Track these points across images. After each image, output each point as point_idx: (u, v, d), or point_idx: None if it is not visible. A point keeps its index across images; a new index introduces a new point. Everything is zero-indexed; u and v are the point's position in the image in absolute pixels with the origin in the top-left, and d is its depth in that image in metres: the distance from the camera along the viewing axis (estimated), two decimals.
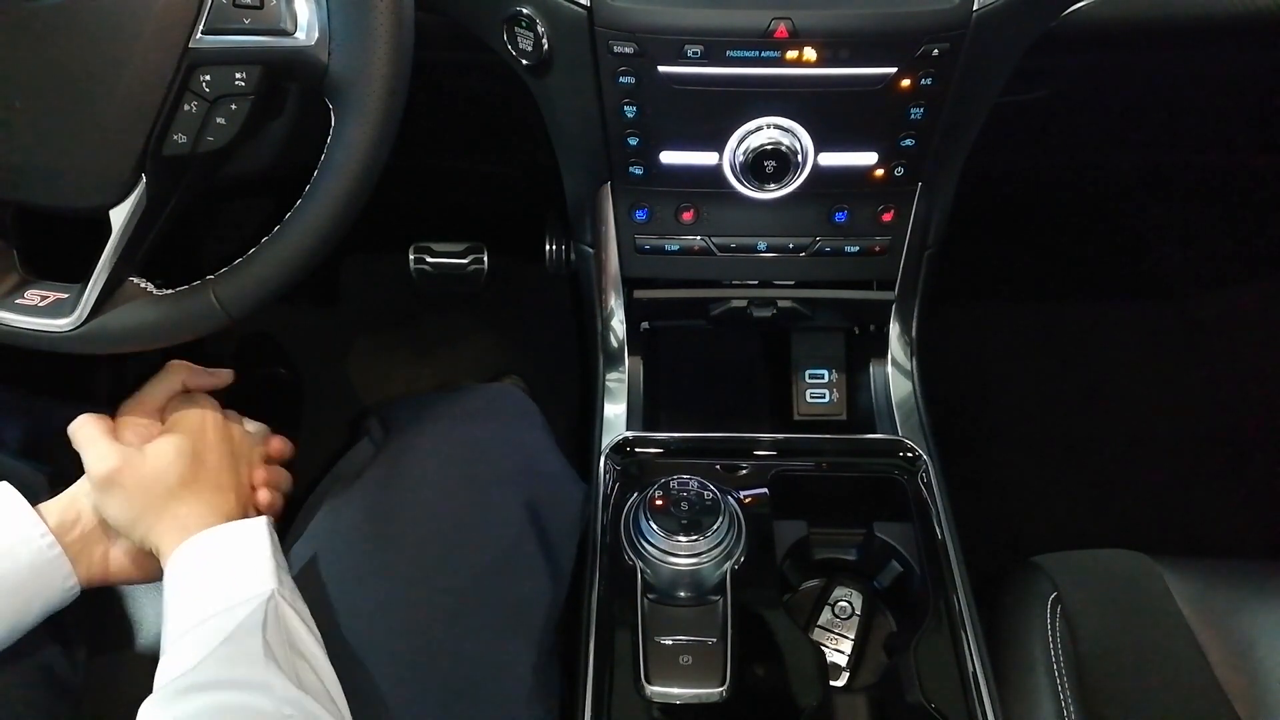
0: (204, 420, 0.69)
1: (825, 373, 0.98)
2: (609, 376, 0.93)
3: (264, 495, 0.70)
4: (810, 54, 0.70)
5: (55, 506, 0.64)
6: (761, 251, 0.86)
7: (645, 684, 0.67)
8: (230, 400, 1.44)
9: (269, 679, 0.52)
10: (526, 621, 0.68)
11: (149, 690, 0.56)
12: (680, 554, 0.68)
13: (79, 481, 0.66)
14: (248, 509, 0.68)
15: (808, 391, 0.98)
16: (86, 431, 0.65)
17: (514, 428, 0.79)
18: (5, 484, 0.63)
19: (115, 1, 0.54)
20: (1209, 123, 1.12)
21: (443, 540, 0.68)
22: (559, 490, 0.76)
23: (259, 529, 0.63)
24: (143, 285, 0.63)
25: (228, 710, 0.51)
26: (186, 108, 0.57)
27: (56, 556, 0.61)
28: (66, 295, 0.62)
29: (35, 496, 0.70)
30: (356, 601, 0.65)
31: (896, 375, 0.93)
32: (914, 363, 0.93)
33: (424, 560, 0.67)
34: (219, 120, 0.57)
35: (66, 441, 0.80)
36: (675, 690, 0.67)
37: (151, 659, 0.71)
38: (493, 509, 0.71)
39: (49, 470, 0.73)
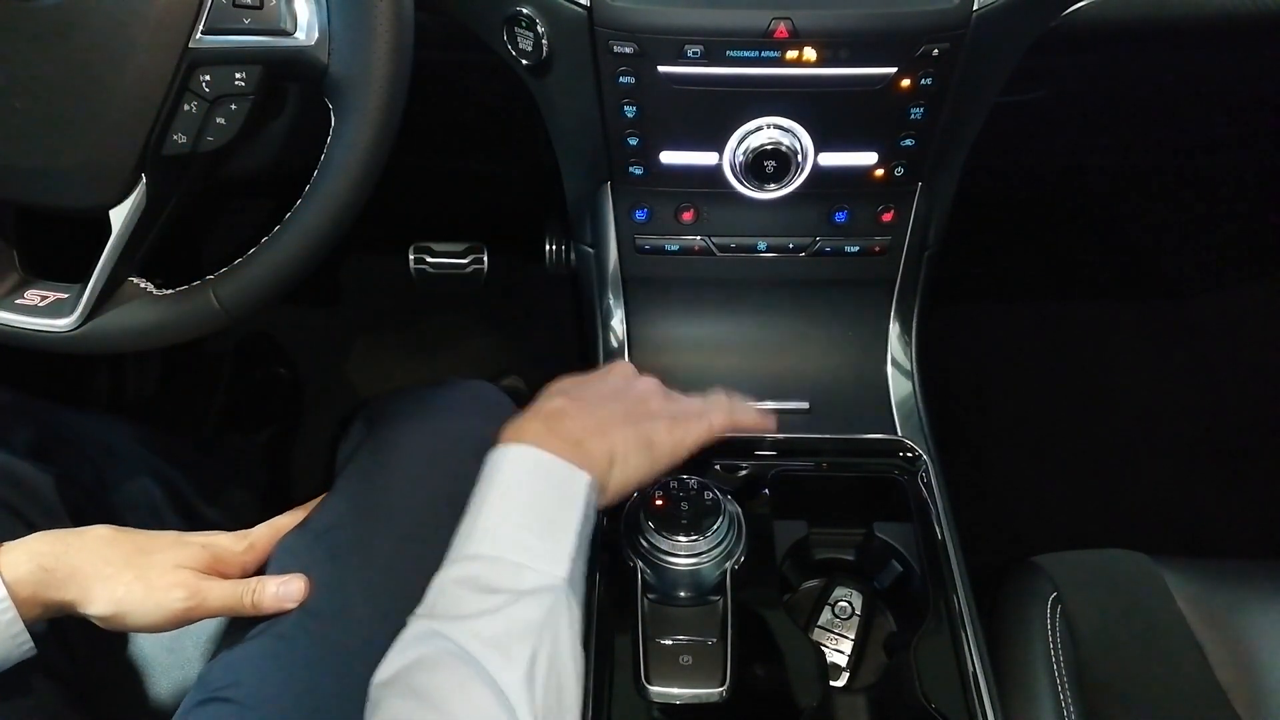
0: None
1: None
2: None
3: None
4: (810, 54, 0.70)
5: (16, 557, 0.60)
6: (761, 251, 0.87)
7: (645, 684, 0.67)
8: (231, 400, 1.43)
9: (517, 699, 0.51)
10: None
11: (153, 689, 0.56)
12: (680, 554, 0.68)
13: (53, 534, 0.63)
14: None
15: None
16: None
17: (486, 422, 0.79)
18: None
19: (115, 1, 0.54)
20: (1208, 123, 1.12)
21: (418, 533, 0.68)
22: None
23: (581, 484, 0.61)
24: (142, 285, 0.63)
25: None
26: (186, 108, 0.57)
27: (10, 620, 0.58)
28: (66, 295, 0.62)
29: (42, 498, 0.70)
30: (341, 594, 0.65)
31: (896, 375, 0.92)
32: (914, 363, 0.93)
33: (402, 553, 0.67)
34: (219, 120, 0.57)
35: (72, 445, 0.80)
36: (675, 690, 0.67)
37: (150, 661, 0.71)
38: (462, 503, 0.71)
39: (56, 471, 0.73)
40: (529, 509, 0.59)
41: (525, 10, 0.70)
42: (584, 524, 0.60)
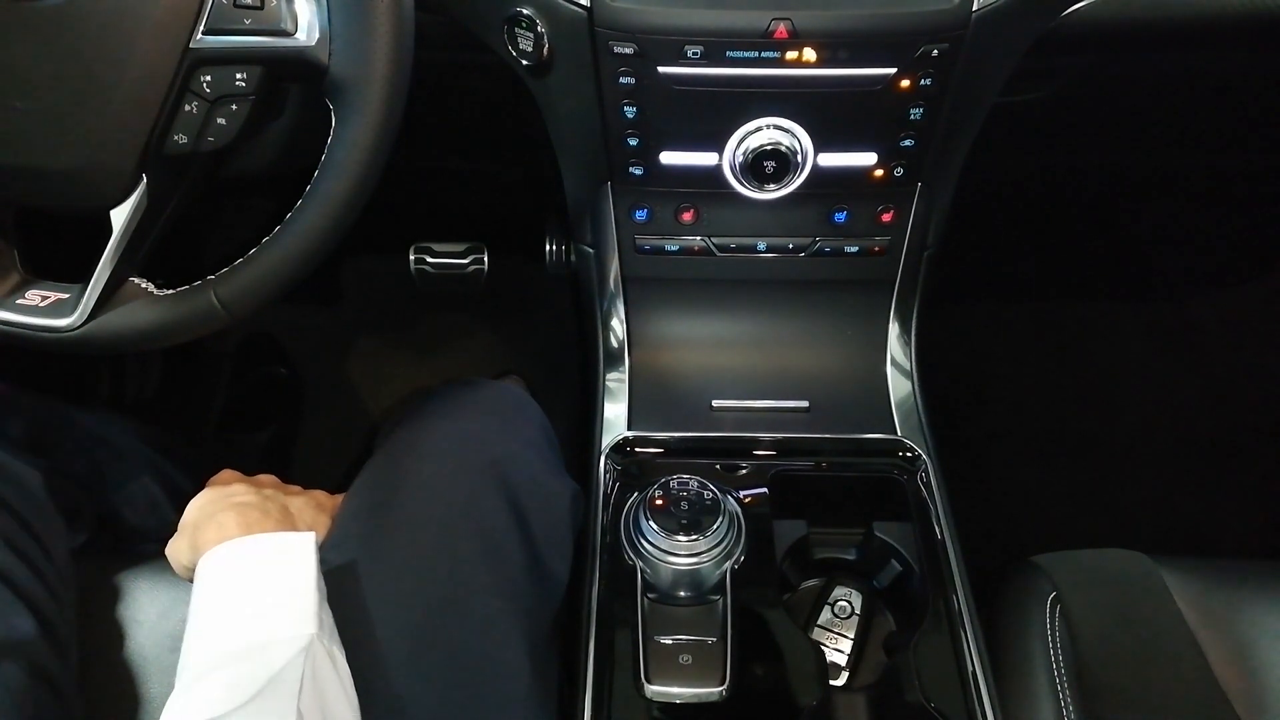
0: (260, 479, 0.75)
1: None
2: (609, 376, 0.93)
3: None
4: (810, 54, 0.70)
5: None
6: (761, 252, 0.87)
7: (645, 683, 0.67)
8: (231, 400, 1.43)
9: None
10: (518, 615, 0.68)
11: (153, 689, 0.56)
12: (680, 553, 0.68)
13: None
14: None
15: None
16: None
17: (504, 422, 0.79)
18: None
19: (116, 1, 0.54)
20: (1209, 123, 1.12)
21: (432, 532, 0.68)
22: (536, 486, 0.76)
23: (306, 546, 0.61)
24: (143, 285, 0.63)
25: None
26: (187, 108, 0.57)
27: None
28: (67, 295, 0.62)
29: (30, 491, 0.70)
30: (355, 593, 0.65)
31: (896, 375, 0.93)
32: (914, 363, 0.93)
33: (416, 551, 0.67)
34: (219, 120, 0.57)
35: (65, 438, 0.80)
36: (675, 690, 0.67)
37: (149, 661, 0.71)
38: (477, 502, 0.71)
39: (44, 465, 0.73)
40: (259, 590, 0.59)
41: (525, 11, 0.70)
42: (319, 579, 0.60)
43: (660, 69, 0.71)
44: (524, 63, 0.73)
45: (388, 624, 0.64)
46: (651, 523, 0.68)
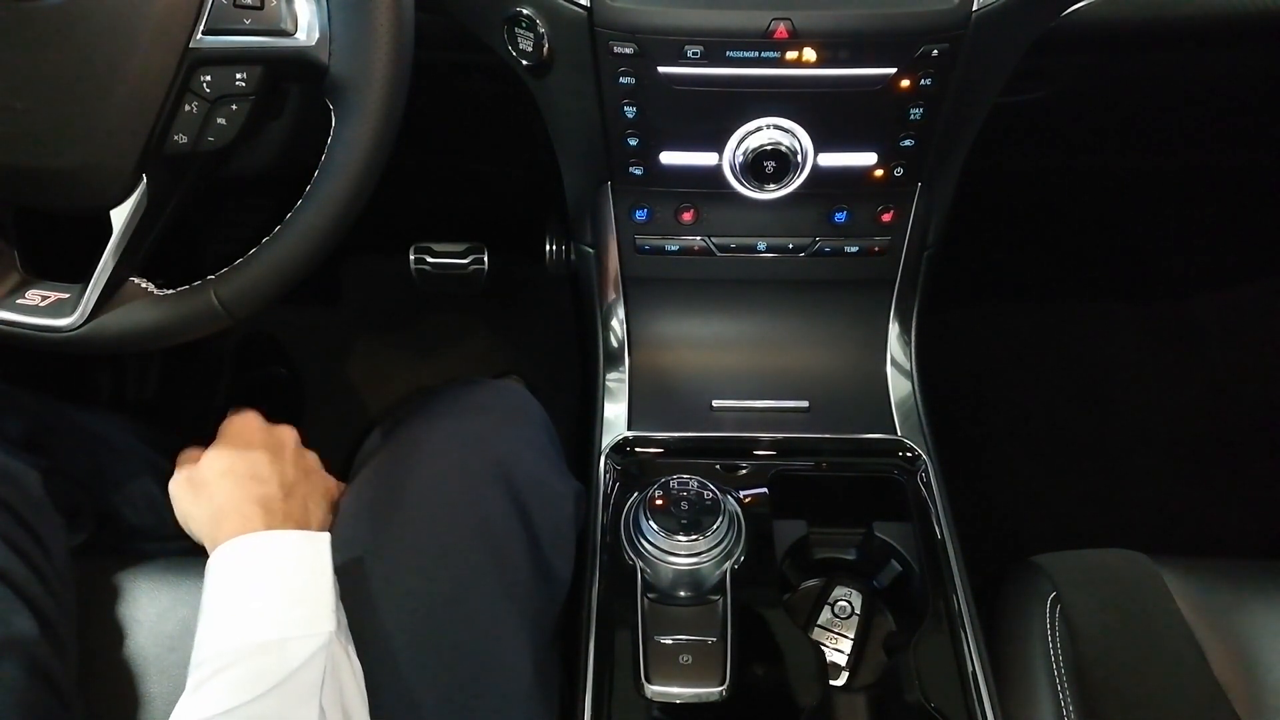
0: (282, 439, 0.75)
1: None
2: (609, 376, 0.93)
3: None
4: (810, 54, 0.70)
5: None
6: (761, 252, 0.87)
7: (645, 683, 0.67)
8: (231, 400, 1.44)
9: None
10: (522, 615, 0.68)
11: (153, 689, 0.55)
12: (680, 553, 0.68)
13: None
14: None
15: None
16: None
17: (508, 422, 0.79)
18: None
19: (116, 1, 0.54)
20: (1208, 123, 1.12)
21: (436, 532, 0.68)
22: (540, 486, 0.76)
23: (322, 545, 0.62)
24: (143, 285, 0.63)
25: None
26: (187, 108, 0.57)
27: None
28: (67, 295, 0.62)
29: (29, 491, 0.70)
30: (359, 592, 0.65)
31: (896, 375, 0.93)
32: (914, 363, 0.93)
33: (419, 550, 0.67)
34: (219, 120, 0.57)
35: (65, 438, 0.80)
36: (675, 690, 0.67)
37: (149, 661, 0.71)
38: (482, 502, 0.71)
39: (44, 464, 0.73)
40: (276, 587, 0.60)
41: (525, 11, 0.70)
42: (334, 578, 0.62)
43: (660, 69, 0.71)
44: (524, 63, 0.73)
45: (391, 623, 0.64)
46: (651, 523, 0.68)
